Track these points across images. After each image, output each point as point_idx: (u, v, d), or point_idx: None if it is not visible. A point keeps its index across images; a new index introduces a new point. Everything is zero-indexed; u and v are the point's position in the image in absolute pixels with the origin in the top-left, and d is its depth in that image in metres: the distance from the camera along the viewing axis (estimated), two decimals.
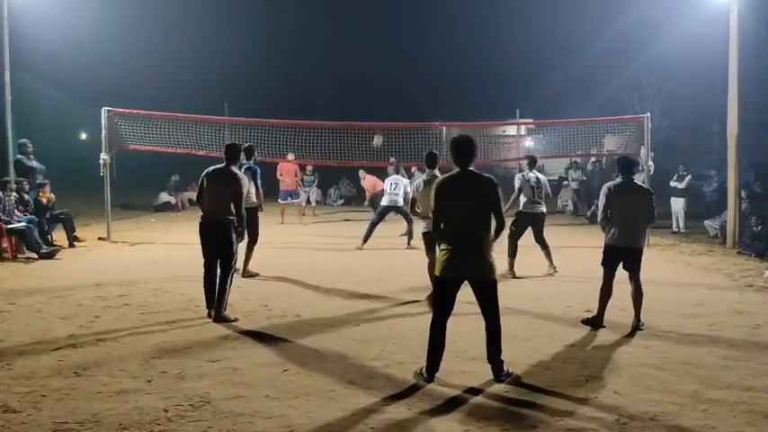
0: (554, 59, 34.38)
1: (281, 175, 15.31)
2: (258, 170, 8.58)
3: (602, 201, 6.14)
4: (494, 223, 4.59)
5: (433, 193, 4.64)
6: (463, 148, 4.62)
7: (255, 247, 8.50)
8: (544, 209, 8.89)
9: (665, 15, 25.38)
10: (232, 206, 6.33)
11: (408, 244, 11.27)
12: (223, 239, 6.30)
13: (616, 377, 4.76)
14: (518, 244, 8.71)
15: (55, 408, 4.07)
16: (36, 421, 3.88)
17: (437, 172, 6.80)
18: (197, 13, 34.99)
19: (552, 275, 8.71)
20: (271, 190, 13.50)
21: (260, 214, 8.59)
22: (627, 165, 6.25)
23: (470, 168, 4.62)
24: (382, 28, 43.09)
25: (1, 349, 5.27)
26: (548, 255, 8.88)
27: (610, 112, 16.97)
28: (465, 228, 4.52)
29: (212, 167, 6.55)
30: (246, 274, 8.36)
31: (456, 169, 4.65)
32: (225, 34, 35.70)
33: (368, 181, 15.79)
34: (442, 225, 4.59)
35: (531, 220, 8.77)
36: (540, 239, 8.87)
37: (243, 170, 8.45)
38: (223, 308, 6.24)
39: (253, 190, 8.36)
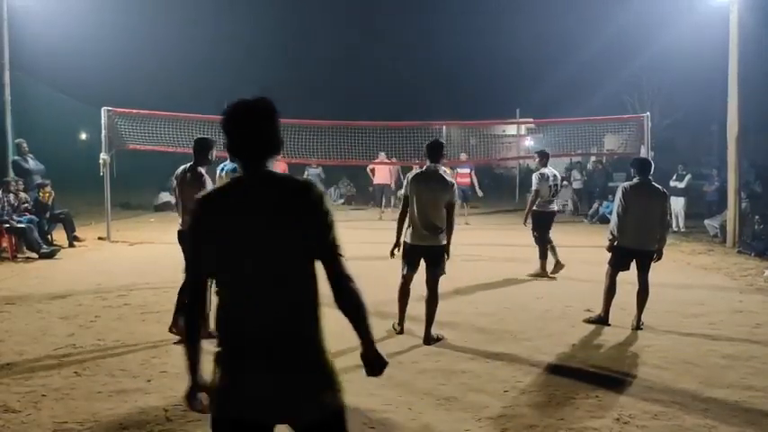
0: (554, 59, 34.33)
1: None
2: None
3: (617, 200, 6.02)
4: None
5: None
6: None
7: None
8: (556, 207, 8.67)
9: (664, 15, 25.36)
10: None
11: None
12: None
13: (616, 376, 4.76)
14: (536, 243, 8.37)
15: (55, 408, 4.07)
16: (36, 421, 3.88)
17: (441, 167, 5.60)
18: (197, 13, 35.02)
19: (543, 278, 8.18)
20: None
21: None
22: (643, 165, 6.12)
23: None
24: (383, 28, 43.10)
25: (1, 349, 5.27)
26: (544, 256, 8.28)
27: (610, 112, 16.97)
28: None
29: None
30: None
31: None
32: (225, 34, 35.75)
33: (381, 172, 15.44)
34: None
35: (545, 219, 8.36)
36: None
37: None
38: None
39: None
